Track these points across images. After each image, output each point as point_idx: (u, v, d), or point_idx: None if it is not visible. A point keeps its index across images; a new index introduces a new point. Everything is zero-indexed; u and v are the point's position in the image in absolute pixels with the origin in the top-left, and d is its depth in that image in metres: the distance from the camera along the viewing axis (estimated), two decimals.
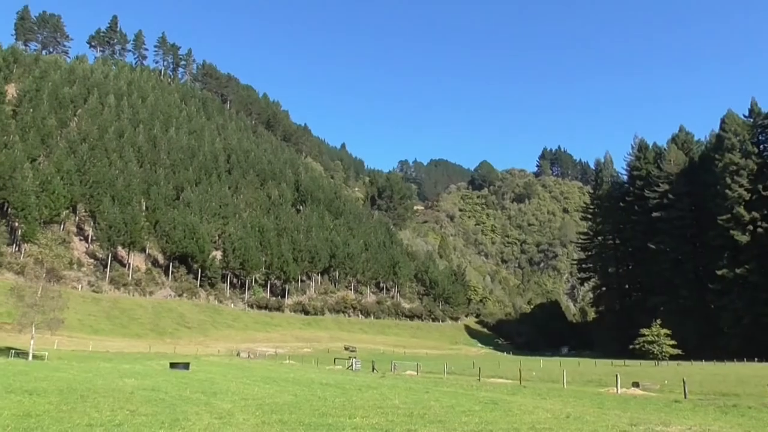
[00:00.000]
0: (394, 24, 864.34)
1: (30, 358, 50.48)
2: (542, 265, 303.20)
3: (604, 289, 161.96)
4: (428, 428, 15.02)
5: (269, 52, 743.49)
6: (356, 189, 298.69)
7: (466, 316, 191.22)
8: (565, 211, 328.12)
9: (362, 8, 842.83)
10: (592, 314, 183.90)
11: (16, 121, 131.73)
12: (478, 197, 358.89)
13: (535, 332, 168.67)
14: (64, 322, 59.62)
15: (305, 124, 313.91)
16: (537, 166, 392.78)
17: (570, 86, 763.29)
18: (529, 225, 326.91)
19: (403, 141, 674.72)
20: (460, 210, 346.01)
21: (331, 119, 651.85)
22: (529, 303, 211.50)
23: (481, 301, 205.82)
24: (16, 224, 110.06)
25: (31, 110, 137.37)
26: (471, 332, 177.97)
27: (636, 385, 36.98)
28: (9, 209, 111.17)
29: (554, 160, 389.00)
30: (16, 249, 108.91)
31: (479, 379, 41.18)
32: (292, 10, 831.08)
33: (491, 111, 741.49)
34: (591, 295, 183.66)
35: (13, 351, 53.39)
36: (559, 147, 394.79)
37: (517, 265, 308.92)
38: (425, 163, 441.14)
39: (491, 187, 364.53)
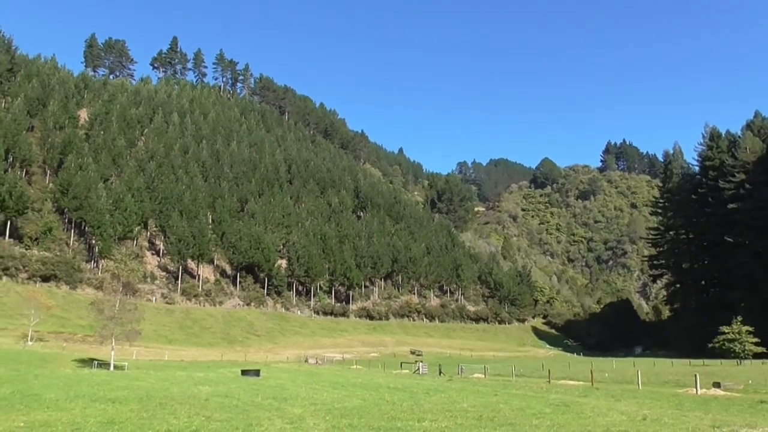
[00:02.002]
0: (445, 28, 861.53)
1: (111, 368, 52.70)
2: (611, 263, 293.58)
3: (678, 285, 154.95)
4: (498, 431, 14.69)
5: (324, 62, 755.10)
6: (415, 193, 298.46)
7: (533, 317, 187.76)
8: (633, 206, 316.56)
9: (412, 15, 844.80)
10: (666, 312, 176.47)
11: (89, 143, 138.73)
12: (540, 196, 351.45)
13: (606, 332, 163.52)
14: (141, 333, 62.15)
15: (362, 130, 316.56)
16: (601, 161, 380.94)
17: (632, 79, 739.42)
18: (596, 222, 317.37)
19: (460, 142, 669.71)
20: (523, 209, 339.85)
21: (387, 125, 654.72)
22: (598, 302, 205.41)
23: (548, 301, 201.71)
24: (93, 241, 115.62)
25: (102, 132, 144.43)
26: (539, 334, 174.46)
27: (717, 385, 35.04)
28: (86, 227, 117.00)
29: (619, 154, 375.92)
30: (94, 265, 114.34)
31: (549, 381, 40.18)
32: (345, 20, 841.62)
33: (551, 108, 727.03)
34: (664, 293, 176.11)
35: (96, 362, 55.90)
36: (624, 140, 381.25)
37: (584, 263, 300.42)
38: (484, 164, 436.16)
39: (554, 184, 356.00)
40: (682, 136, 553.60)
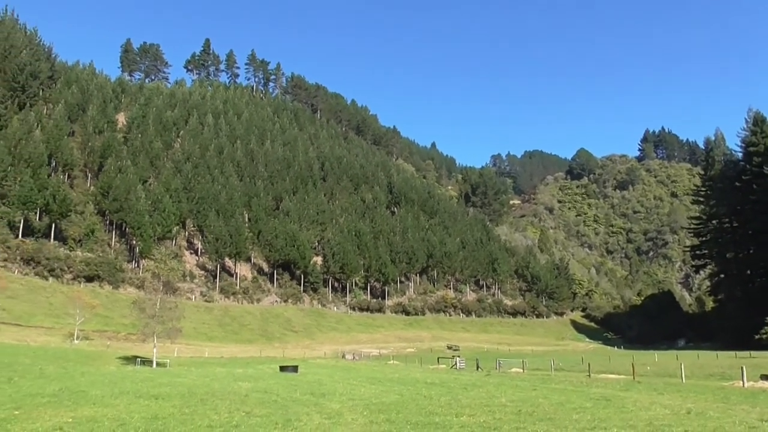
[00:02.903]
0: (476, 20, 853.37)
1: (154, 365, 53.89)
2: (651, 254, 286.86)
3: (722, 276, 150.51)
4: (537, 426, 14.53)
5: (355, 59, 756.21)
6: (449, 187, 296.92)
7: (572, 310, 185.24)
8: (674, 195, 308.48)
9: (441, 9, 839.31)
10: (710, 303, 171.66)
11: (127, 146, 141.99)
12: (577, 187, 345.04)
13: (647, 325, 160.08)
14: (182, 331, 63.45)
15: (394, 126, 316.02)
16: (639, 150, 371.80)
17: (671, 65, 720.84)
18: (635, 212, 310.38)
19: (494, 135, 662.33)
20: (559, 201, 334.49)
21: (420, 120, 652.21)
22: (638, 294, 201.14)
23: (586, 294, 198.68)
24: (134, 242, 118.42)
25: (140, 135, 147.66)
26: (578, 327, 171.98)
27: (765, 377, 33.88)
28: (127, 228, 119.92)
29: (658, 143, 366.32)
30: (135, 265, 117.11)
31: (589, 375, 39.57)
32: (375, 16, 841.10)
33: (586, 98, 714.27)
34: (708, 284, 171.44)
35: (139, 359, 57.26)
36: (662, 128, 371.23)
37: (623, 255, 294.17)
38: (519, 156, 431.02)
39: (591, 175, 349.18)
40: (724, 122, 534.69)
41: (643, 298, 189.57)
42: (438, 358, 70.81)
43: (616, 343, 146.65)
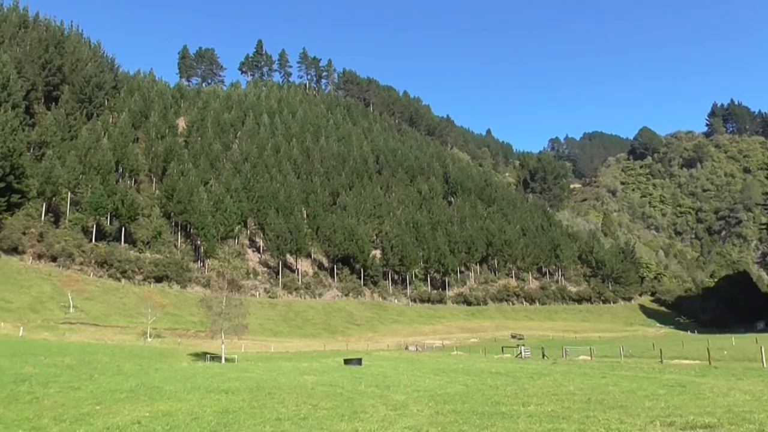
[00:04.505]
0: (525, 3, 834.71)
1: (222, 360, 55.42)
2: (724, 233, 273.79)
3: None
4: (608, 414, 14.07)
5: (406, 51, 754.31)
6: (506, 174, 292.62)
7: (640, 295, 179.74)
8: (747, 171, 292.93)
9: None
10: None
11: (188, 149, 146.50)
12: (641, 167, 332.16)
13: (722, 308, 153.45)
14: (248, 327, 64.95)
15: (448, 115, 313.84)
16: (707, 125, 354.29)
17: (736, 36, 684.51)
18: (704, 191, 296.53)
19: (551, 118, 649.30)
20: (622, 183, 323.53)
21: (473, 108, 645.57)
22: (711, 276, 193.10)
23: (655, 278, 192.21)
24: (199, 242, 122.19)
25: (199, 138, 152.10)
26: (647, 312, 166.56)
27: None
28: (191, 229, 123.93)
29: (727, 116, 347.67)
30: (201, 264, 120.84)
31: (661, 361, 38.15)
32: (423, 7, 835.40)
33: (646, 75, 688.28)
34: None
35: (209, 355, 59.00)
36: (731, 101, 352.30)
37: (693, 236, 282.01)
38: (578, 139, 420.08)
39: (655, 154, 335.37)
40: None
41: (716, 280, 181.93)
42: (502, 348, 69.98)
43: (688, 328, 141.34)
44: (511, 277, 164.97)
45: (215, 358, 57.04)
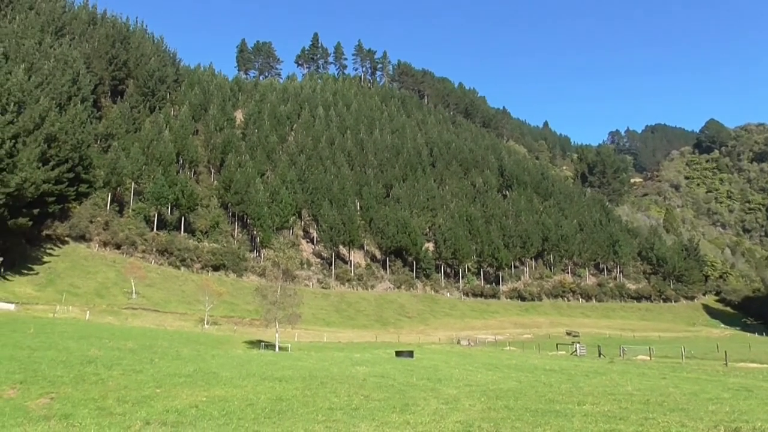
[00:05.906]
0: None
1: (276, 349, 56.32)
2: None
3: None
4: (668, 417, 13.41)
5: (462, 42, 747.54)
6: (564, 167, 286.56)
7: (704, 294, 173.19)
8: None
9: None
10: None
11: (245, 141, 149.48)
12: (707, 161, 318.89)
13: None
14: (301, 317, 65.86)
15: (504, 107, 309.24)
16: None
17: None
18: None
19: (611, 110, 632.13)
20: (686, 177, 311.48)
21: (530, 100, 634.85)
22: None
23: (720, 277, 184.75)
24: (255, 232, 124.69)
25: (256, 131, 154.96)
26: (711, 312, 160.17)
27: None
28: (247, 220, 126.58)
29: None
30: (257, 254, 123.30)
31: (726, 364, 36.52)
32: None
33: (713, 65, 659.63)
34: None
35: (263, 343, 60.08)
36: None
37: (763, 233, 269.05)
38: (639, 131, 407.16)
39: (723, 148, 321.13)
40: None
41: None
42: (557, 345, 68.65)
43: (756, 330, 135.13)
44: (567, 272, 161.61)
45: (269, 346, 57.99)
